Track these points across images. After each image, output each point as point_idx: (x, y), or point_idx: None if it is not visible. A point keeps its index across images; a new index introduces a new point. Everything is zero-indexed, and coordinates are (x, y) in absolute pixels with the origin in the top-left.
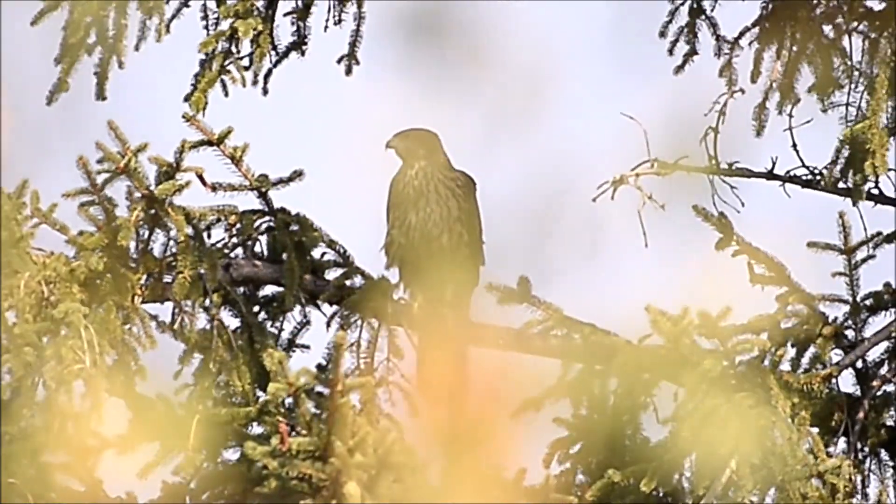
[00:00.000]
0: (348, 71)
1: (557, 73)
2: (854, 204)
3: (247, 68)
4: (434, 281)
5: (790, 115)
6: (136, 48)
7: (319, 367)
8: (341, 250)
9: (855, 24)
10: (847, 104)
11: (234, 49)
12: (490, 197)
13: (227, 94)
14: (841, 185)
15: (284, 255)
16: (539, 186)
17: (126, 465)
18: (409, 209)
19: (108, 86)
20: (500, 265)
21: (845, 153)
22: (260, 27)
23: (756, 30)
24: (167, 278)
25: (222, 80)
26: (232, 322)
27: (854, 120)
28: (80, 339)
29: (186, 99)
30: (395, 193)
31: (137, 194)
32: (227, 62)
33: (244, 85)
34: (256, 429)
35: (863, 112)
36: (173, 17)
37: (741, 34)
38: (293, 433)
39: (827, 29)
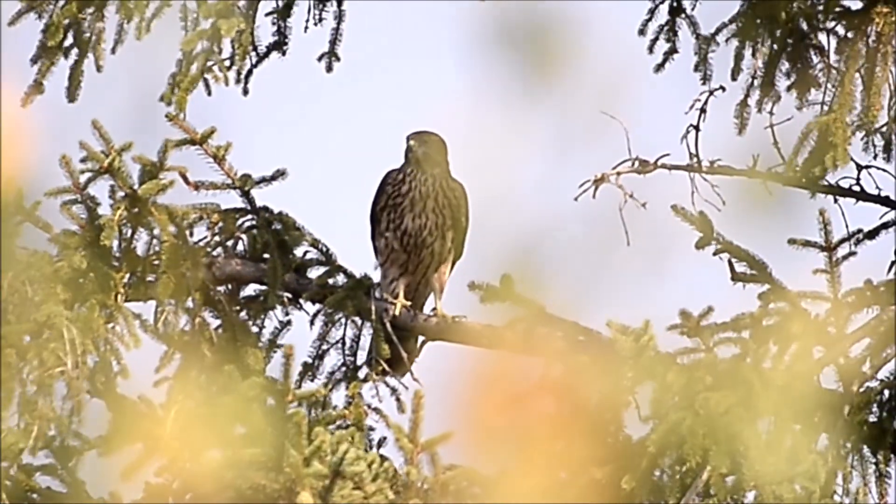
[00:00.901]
0: (329, 68)
1: (630, 80)
2: (811, 196)
3: (228, 68)
4: (420, 282)
5: (770, 113)
6: (113, 51)
7: (305, 365)
8: (324, 249)
9: (832, 23)
10: (822, 102)
11: (215, 48)
12: (561, 205)
13: (209, 93)
14: (804, 179)
15: (267, 254)
16: (609, 196)
17: (109, 466)
18: (405, 213)
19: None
20: (566, 274)
21: (809, 144)
22: (242, 26)
23: (733, 26)
24: (150, 277)
25: (205, 80)
26: (213, 321)
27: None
28: (63, 342)
29: (162, 99)
30: (395, 193)
31: (121, 193)
32: (209, 62)
33: (227, 83)
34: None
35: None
36: (154, 16)
37: (717, 30)
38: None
39: (804, 26)
